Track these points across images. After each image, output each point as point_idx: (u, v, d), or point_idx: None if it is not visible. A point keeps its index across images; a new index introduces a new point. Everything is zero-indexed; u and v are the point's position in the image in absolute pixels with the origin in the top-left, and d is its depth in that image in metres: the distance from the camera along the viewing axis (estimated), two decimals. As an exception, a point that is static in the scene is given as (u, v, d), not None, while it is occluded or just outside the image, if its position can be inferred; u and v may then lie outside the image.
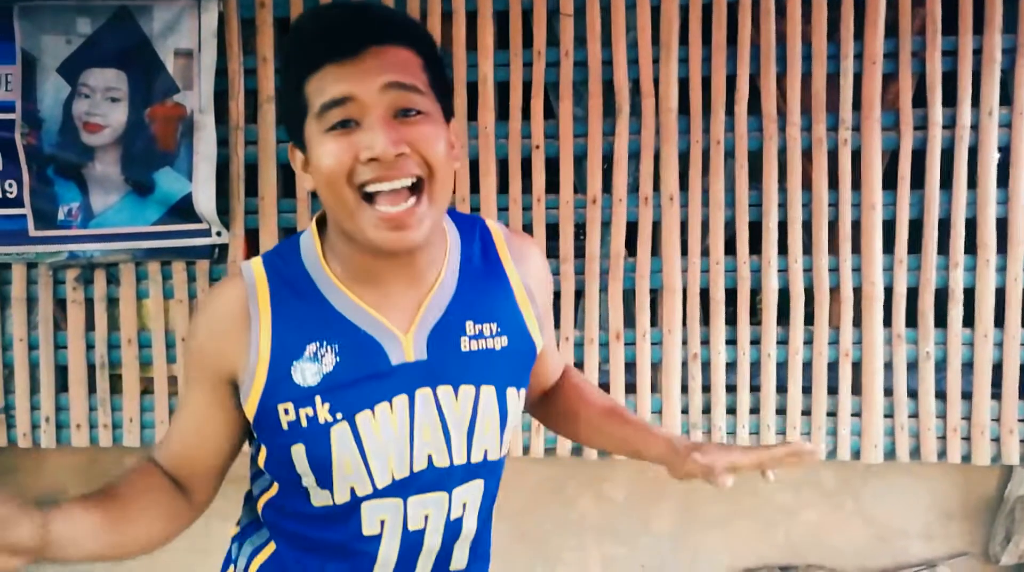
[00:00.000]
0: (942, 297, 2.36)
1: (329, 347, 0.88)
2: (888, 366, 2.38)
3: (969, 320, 2.35)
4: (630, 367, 2.44)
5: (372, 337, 0.89)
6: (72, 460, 2.68)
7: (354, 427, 0.88)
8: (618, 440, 1.09)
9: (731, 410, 2.42)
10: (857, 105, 2.35)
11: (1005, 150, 2.33)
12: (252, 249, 2.52)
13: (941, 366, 2.38)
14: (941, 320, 2.36)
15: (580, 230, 2.46)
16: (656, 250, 2.43)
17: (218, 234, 2.46)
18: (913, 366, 2.38)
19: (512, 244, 1.01)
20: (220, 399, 0.93)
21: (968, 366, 2.37)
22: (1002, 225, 2.33)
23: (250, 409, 0.90)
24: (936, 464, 2.40)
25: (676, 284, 2.41)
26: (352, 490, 0.91)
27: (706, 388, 2.43)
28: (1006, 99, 2.33)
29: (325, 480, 0.91)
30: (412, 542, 0.95)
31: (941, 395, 2.38)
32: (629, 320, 2.44)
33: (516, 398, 0.97)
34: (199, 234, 2.46)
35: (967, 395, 2.37)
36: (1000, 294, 2.34)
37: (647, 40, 2.38)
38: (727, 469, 0.93)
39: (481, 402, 0.93)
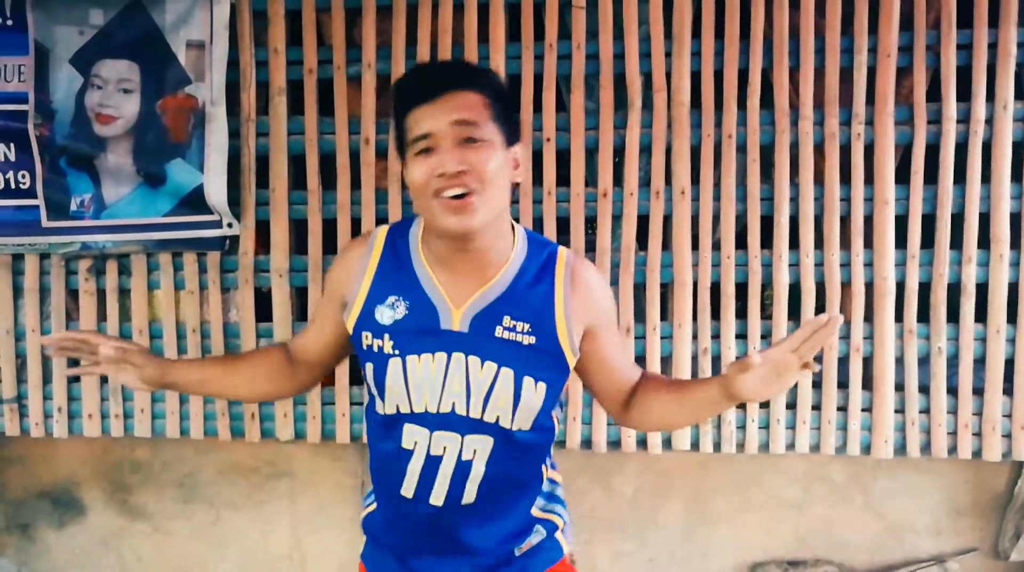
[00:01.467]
0: (954, 292, 2.35)
1: (403, 302, 1.25)
2: (899, 361, 2.38)
3: (981, 315, 2.34)
4: (640, 361, 2.43)
5: (433, 303, 1.25)
6: (84, 450, 2.70)
7: (404, 363, 1.24)
8: (679, 398, 1.31)
9: (741, 405, 2.42)
10: (871, 99, 2.34)
11: (1019, 145, 2.32)
12: (262, 241, 2.53)
13: (953, 362, 2.37)
14: (953, 315, 2.35)
15: (591, 223, 2.45)
16: (667, 244, 2.43)
17: (229, 226, 2.47)
18: (925, 361, 2.38)
19: (570, 267, 1.29)
20: (335, 312, 1.34)
21: (980, 362, 2.36)
22: (1016, 220, 2.32)
23: (349, 327, 1.29)
24: (946, 460, 2.40)
25: (687, 278, 2.40)
26: (397, 407, 1.27)
27: (716, 382, 2.42)
28: (1021, 93, 2.32)
29: (382, 394, 1.28)
30: (431, 464, 1.28)
31: (952, 391, 2.38)
32: (639, 314, 2.44)
33: (532, 386, 1.25)
34: (210, 225, 2.47)
35: (979, 391, 2.37)
36: (1013, 289, 2.33)
37: (659, 33, 2.37)
38: (759, 356, 1.15)
39: (499, 379, 1.23)
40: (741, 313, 2.42)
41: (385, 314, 1.25)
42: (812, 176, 2.36)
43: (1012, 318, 2.33)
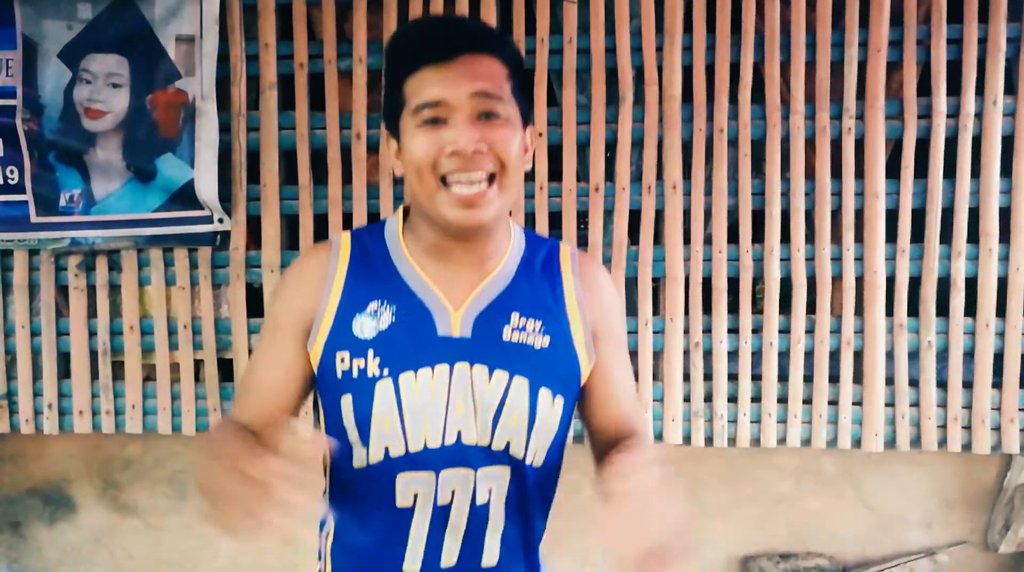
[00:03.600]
0: (944, 286, 2.36)
1: (388, 307, 0.99)
2: (890, 355, 2.39)
3: (971, 309, 2.36)
4: (632, 356, 2.43)
5: (426, 307, 0.99)
6: (74, 446, 2.69)
7: (396, 385, 0.96)
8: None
9: (733, 399, 2.43)
10: (861, 94, 2.35)
11: (1009, 139, 2.33)
12: (254, 236, 2.52)
13: (942, 355, 2.39)
14: (943, 309, 2.37)
15: (583, 218, 2.45)
16: (659, 239, 2.43)
17: (220, 221, 2.46)
18: (915, 355, 2.39)
19: (576, 261, 1.08)
20: (296, 346, 1.01)
21: (969, 355, 2.37)
22: (1005, 214, 2.34)
23: (315, 354, 0.99)
24: (937, 453, 2.41)
25: (678, 273, 2.41)
26: (387, 450, 0.98)
27: (708, 376, 2.43)
28: (1010, 88, 2.32)
29: (364, 435, 0.98)
30: (439, 518, 1.00)
31: (942, 384, 2.39)
32: (631, 309, 2.44)
33: (549, 401, 1.00)
34: (201, 221, 2.46)
35: (968, 384, 2.38)
36: (1002, 283, 2.35)
37: (651, 27, 2.37)
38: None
39: (512, 391, 0.98)
40: (733, 307, 2.42)
41: (367, 325, 0.97)
42: (803, 170, 2.37)
43: (1001, 312, 2.35)
